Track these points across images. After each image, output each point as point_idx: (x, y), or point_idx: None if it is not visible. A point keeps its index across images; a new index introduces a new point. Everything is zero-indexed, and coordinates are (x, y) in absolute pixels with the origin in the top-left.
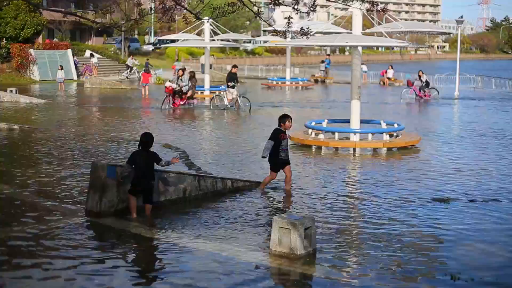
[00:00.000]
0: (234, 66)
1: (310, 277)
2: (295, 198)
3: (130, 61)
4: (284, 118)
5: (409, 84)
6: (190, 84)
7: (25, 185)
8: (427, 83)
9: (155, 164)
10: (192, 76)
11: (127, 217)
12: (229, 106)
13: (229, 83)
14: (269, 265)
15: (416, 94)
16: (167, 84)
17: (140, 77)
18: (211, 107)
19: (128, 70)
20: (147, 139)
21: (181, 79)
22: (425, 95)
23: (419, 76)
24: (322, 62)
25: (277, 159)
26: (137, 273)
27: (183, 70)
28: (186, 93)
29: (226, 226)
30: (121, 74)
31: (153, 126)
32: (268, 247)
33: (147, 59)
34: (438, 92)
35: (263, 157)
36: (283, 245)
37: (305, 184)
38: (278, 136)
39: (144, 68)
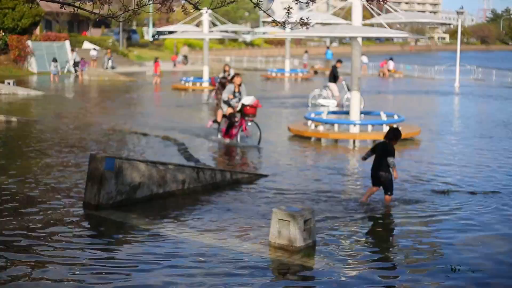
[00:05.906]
0: (339, 61)
1: (310, 269)
2: (294, 190)
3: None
4: None
5: (213, 84)
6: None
7: (23, 177)
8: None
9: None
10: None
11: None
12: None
13: (340, 78)
14: (268, 257)
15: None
16: (232, 101)
17: (76, 70)
18: (309, 104)
19: (70, 64)
20: (387, 132)
21: (238, 92)
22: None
23: (225, 71)
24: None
25: None
26: (135, 265)
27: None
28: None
29: (225, 218)
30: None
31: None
32: (267, 239)
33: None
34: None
35: None
36: (283, 237)
37: (303, 176)
38: None
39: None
